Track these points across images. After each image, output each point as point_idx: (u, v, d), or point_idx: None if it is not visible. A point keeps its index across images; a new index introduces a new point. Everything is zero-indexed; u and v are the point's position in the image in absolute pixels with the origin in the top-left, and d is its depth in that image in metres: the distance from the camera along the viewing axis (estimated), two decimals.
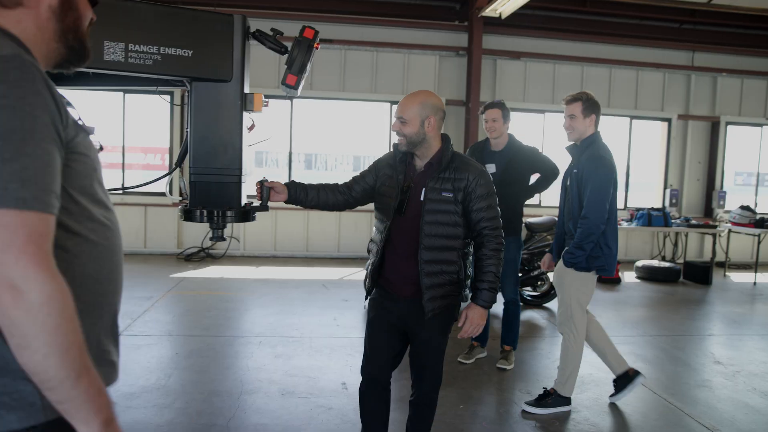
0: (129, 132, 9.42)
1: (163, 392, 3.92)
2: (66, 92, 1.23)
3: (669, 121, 10.51)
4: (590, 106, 3.63)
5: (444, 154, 2.61)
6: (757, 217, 9.05)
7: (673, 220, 8.92)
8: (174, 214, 9.34)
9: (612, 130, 10.80)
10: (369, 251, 2.77)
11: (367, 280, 2.76)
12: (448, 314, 2.67)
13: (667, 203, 10.02)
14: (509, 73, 10.01)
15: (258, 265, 8.85)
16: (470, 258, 2.72)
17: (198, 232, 9.36)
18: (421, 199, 2.57)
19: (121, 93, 9.16)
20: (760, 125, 10.92)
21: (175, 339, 5.15)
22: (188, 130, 2.32)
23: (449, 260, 2.58)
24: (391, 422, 2.87)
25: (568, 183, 3.77)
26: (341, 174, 10.86)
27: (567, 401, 3.85)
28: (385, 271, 2.69)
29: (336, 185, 2.86)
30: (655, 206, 9.46)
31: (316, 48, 2.38)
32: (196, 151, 2.28)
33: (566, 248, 3.69)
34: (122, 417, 3.59)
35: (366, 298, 2.82)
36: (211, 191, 2.32)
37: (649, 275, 8.66)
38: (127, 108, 9.28)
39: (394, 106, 9.60)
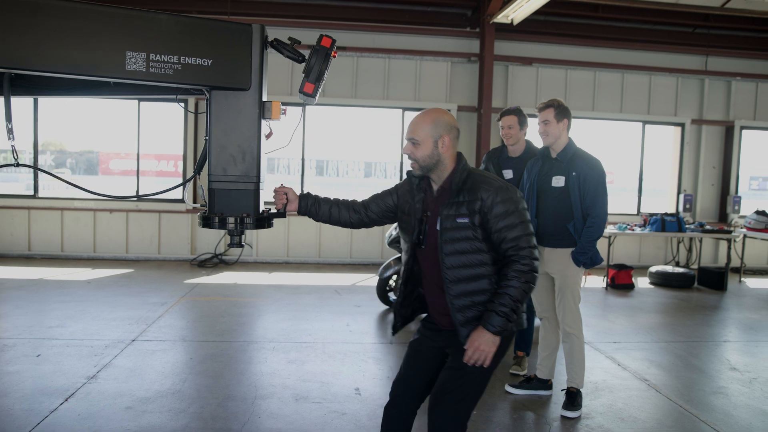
0: (143, 139, 9.53)
1: (178, 397, 3.95)
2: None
3: (682, 125, 10.45)
4: (561, 112, 3.93)
5: (455, 176, 2.37)
6: None
7: (687, 226, 8.85)
8: (187, 220, 9.43)
9: (624, 135, 10.78)
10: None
11: (396, 315, 2.58)
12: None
13: (680, 208, 9.94)
14: (521, 79, 10.01)
15: (271, 271, 8.89)
16: None
17: (211, 239, 9.45)
18: (437, 228, 2.35)
19: (136, 101, 9.26)
20: None
21: (190, 344, 5.19)
22: (207, 138, 2.35)
23: (480, 290, 2.33)
24: None
25: (563, 185, 3.89)
26: (352, 180, 10.90)
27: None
28: (426, 299, 2.54)
29: (353, 202, 2.70)
30: (668, 211, 9.38)
31: (334, 56, 2.40)
32: (214, 158, 2.31)
33: (575, 249, 3.85)
34: (138, 421, 3.63)
35: (392, 334, 2.62)
36: (230, 198, 2.35)
37: (662, 281, 8.60)
38: (141, 115, 9.40)
39: (407, 113, 9.73)
